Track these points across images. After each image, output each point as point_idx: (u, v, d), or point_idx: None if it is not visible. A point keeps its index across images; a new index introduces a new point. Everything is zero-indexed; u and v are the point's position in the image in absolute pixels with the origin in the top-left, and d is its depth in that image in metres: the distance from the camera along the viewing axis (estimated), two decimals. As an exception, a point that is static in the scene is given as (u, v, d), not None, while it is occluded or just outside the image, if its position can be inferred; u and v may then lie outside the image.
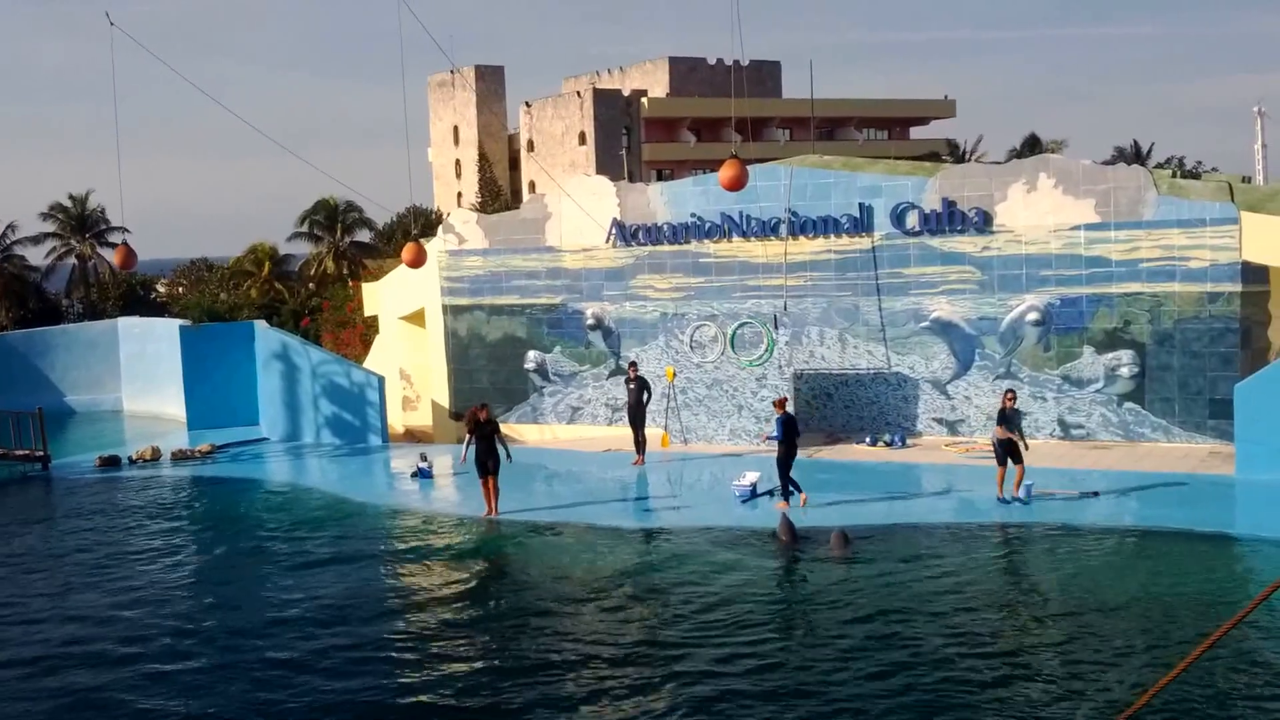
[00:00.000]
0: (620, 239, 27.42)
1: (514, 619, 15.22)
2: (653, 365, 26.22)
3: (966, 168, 26.68)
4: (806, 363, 25.84)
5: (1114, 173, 23.81)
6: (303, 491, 23.49)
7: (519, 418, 28.69)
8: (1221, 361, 22.58)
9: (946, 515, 19.18)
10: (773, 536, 18.11)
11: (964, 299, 24.49)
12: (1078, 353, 23.71)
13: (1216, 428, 22.59)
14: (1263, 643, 13.17)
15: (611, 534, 18.97)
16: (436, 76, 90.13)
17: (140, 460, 26.66)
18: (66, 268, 63.50)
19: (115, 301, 58.20)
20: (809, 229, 25.58)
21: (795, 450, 19.89)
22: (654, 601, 15.61)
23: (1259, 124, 49.89)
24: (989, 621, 14.35)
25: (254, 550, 19.22)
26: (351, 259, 59.61)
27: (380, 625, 15.14)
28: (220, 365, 29.84)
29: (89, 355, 34.93)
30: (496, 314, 28.93)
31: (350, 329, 39.15)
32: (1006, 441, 19.14)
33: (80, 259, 62.85)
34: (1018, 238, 23.91)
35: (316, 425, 28.40)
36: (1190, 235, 22.53)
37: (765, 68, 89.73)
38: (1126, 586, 15.34)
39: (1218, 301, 22.51)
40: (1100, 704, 11.70)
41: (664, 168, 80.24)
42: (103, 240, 62.86)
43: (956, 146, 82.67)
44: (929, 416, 25.08)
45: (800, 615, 15.03)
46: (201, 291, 57.96)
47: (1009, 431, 19.13)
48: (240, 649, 14.45)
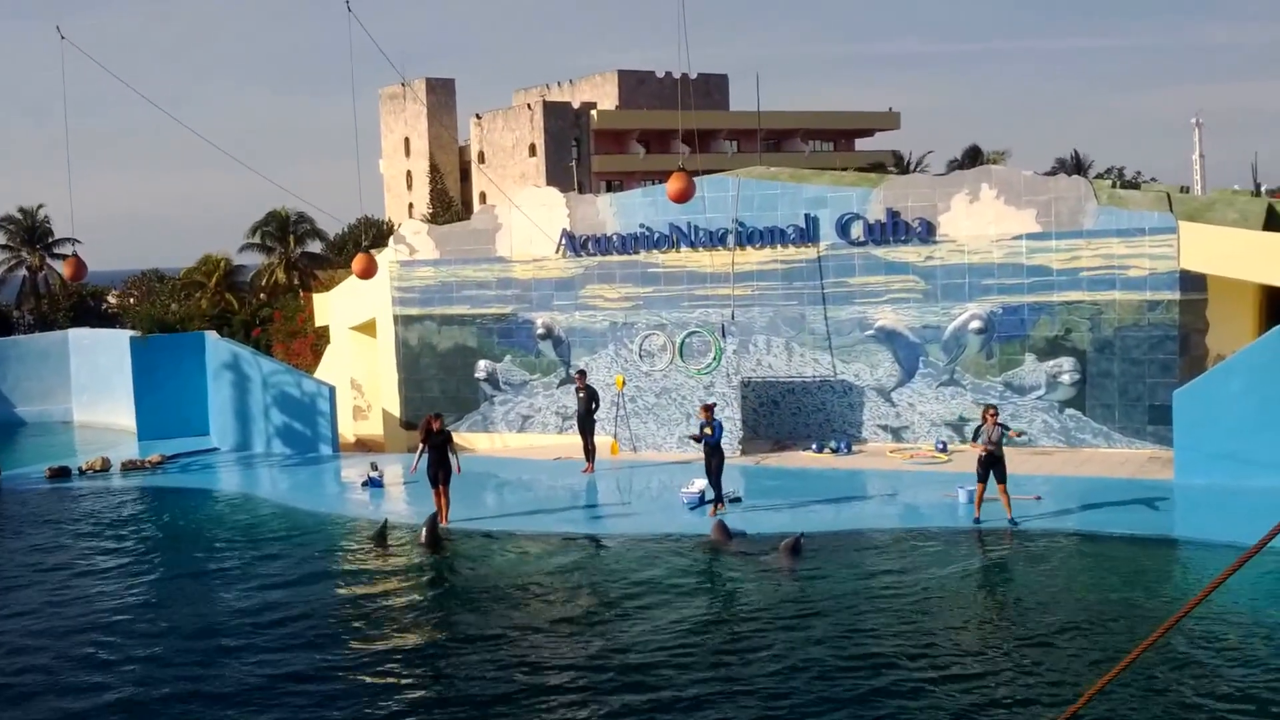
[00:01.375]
0: (570, 249, 27.61)
1: (462, 628, 15.25)
2: (602, 374, 26.40)
3: (910, 179, 27.16)
4: (754, 371, 26.13)
5: (1055, 183, 24.28)
6: (252, 501, 23.40)
7: (470, 426, 28.78)
8: (1160, 368, 23.07)
9: (892, 521, 19.47)
10: (723, 538, 18.33)
11: (908, 308, 24.87)
12: (1020, 360, 24.14)
13: (1156, 433, 23.06)
14: (1198, 642, 13.49)
15: (561, 541, 19.09)
16: (388, 89, 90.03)
17: (90, 471, 26.51)
18: (17, 280, 63.01)
19: (66, 313, 57.73)
20: (756, 239, 25.89)
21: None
22: (602, 609, 15.71)
23: (1196, 135, 50.86)
24: (931, 623, 14.58)
25: (197, 561, 19.01)
26: (303, 270, 59.39)
27: (325, 638, 15.01)
28: (171, 376, 29.73)
29: (40, 366, 34.78)
30: (447, 324, 29.02)
31: (301, 339, 39.04)
32: (987, 457, 18.65)
33: (31, 271, 62.48)
34: (961, 247, 24.33)
35: (267, 435, 28.33)
36: (1129, 245, 23.01)
37: (713, 81, 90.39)
38: (1069, 589, 15.65)
39: (1157, 309, 23.00)
40: (1042, 705, 11.91)
41: (613, 179, 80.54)
42: (53, 252, 62.51)
43: (901, 158, 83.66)
44: (874, 423, 25.43)
45: (748, 619, 15.18)
46: (152, 302, 57.52)
47: (984, 445, 18.71)
48: (176, 663, 14.23)
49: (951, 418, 24.73)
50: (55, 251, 62.35)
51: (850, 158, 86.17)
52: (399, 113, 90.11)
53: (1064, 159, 75.56)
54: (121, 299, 65.80)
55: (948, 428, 24.73)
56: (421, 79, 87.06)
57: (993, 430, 18.66)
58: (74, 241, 61.40)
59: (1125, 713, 11.67)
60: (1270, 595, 15.01)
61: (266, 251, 61.27)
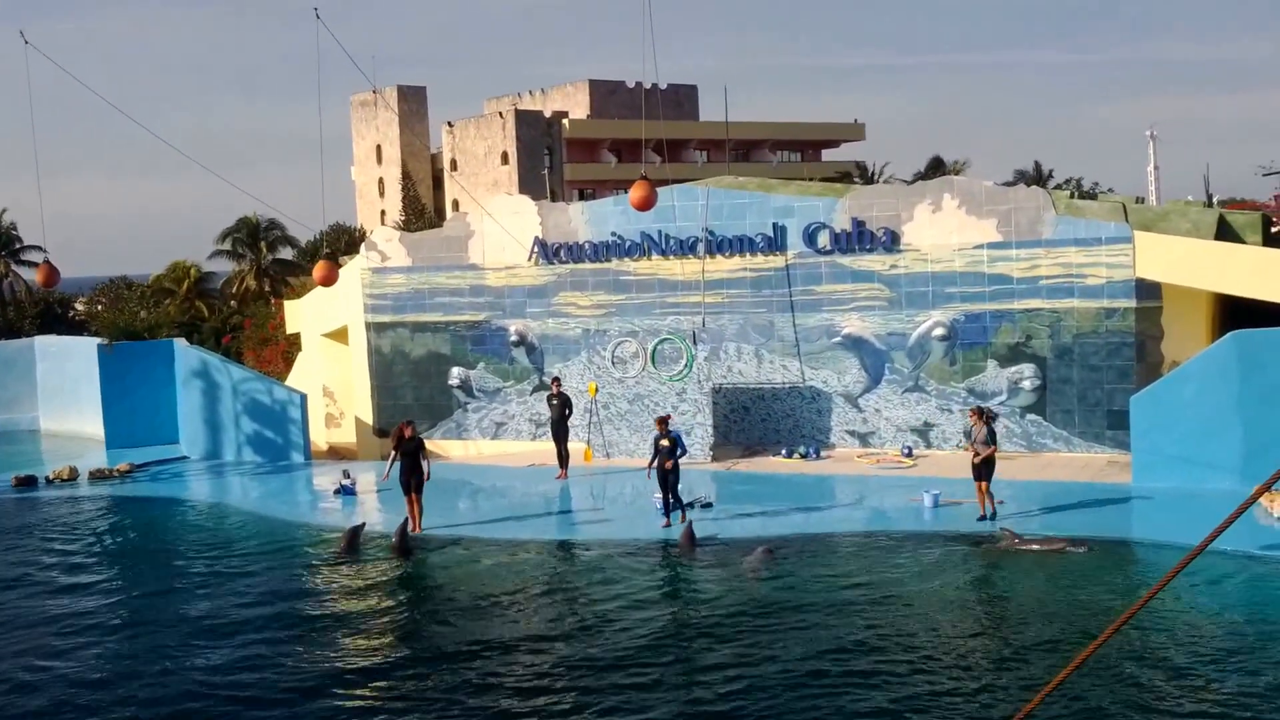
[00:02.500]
0: (543, 257, 27.92)
1: (430, 639, 15.37)
2: (575, 381, 26.69)
3: (875, 189, 27.64)
4: (725, 377, 26.50)
5: (1014, 194, 24.80)
6: (222, 510, 23.46)
7: (444, 434, 29.01)
8: (1118, 374, 23.58)
9: (859, 525, 19.84)
10: (689, 545, 18.66)
11: (874, 315, 25.32)
12: (982, 366, 24.62)
13: (1114, 438, 23.52)
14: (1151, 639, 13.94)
15: (535, 548, 19.33)
16: (359, 96, 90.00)
17: (57, 480, 26.41)
18: (-18, 287, 62.65)
19: (33, 320, 57.42)
20: (725, 248, 26.29)
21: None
22: (574, 615, 15.93)
23: (1151, 147, 51.77)
24: (897, 625, 14.92)
25: (164, 571, 19.01)
26: (274, 276, 59.36)
27: (290, 649, 15.04)
28: (140, 384, 29.72)
29: (5, 374, 34.46)
30: (420, 331, 29.25)
31: (273, 346, 39.07)
32: (977, 458, 19.13)
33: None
34: (924, 256, 24.79)
35: (238, 443, 28.42)
36: (1087, 253, 23.51)
37: (683, 91, 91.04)
38: (1029, 590, 16.04)
39: (1114, 317, 23.51)
40: (1000, 702, 12.29)
41: (585, 187, 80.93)
42: (19, 259, 62.14)
43: (866, 168, 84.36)
44: (842, 429, 25.86)
45: (722, 624, 15.40)
46: (120, 309, 57.33)
47: (970, 446, 19.21)
48: (141, 676, 14.28)
49: (917, 423, 25.18)
50: (21, 258, 62.06)
51: (817, 168, 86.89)
52: (370, 120, 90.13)
53: (1024, 170, 76.36)
54: (89, 306, 65.50)
55: (913, 433, 25.19)
56: (393, 86, 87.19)
57: (980, 430, 19.11)
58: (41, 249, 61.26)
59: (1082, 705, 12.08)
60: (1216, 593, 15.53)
61: (237, 258, 61.17)
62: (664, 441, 19.74)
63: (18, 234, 62.75)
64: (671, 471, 19.79)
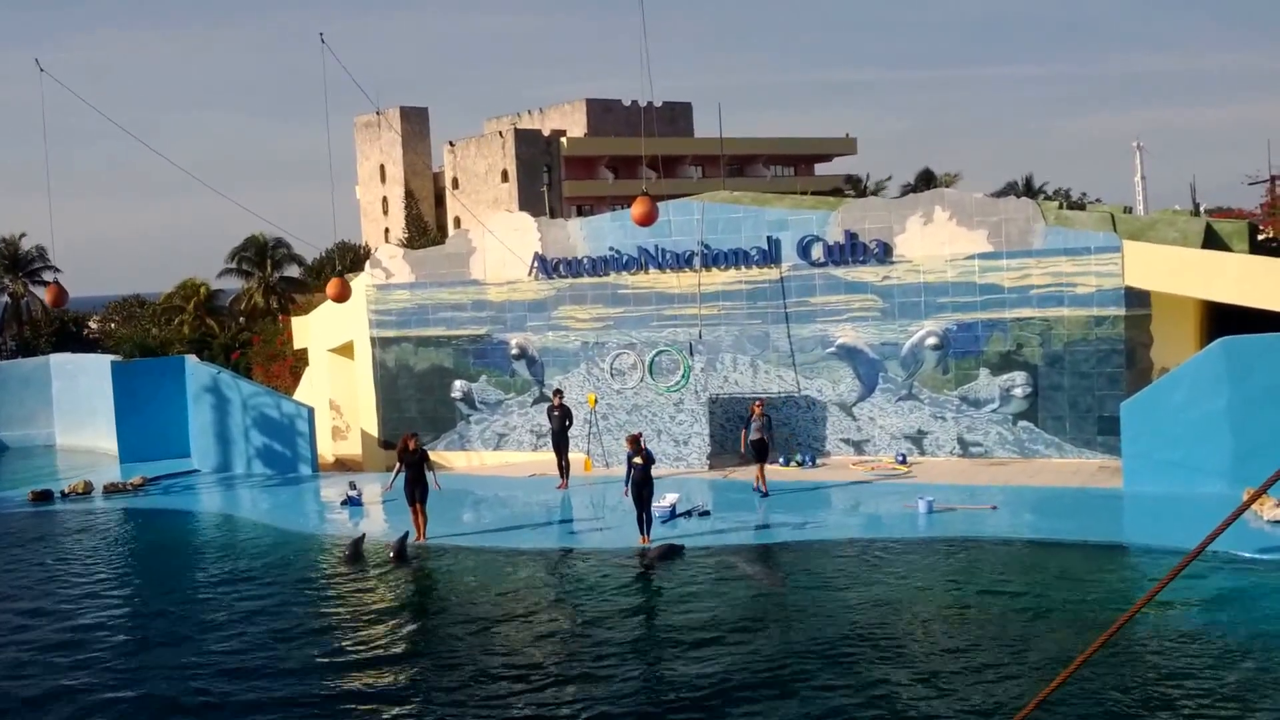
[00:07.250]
0: (542, 272, 28.42)
1: (441, 644, 15.72)
2: (575, 392, 27.14)
3: (867, 202, 27.98)
4: (721, 388, 26.95)
5: (1004, 205, 25.20)
6: (232, 521, 23.85)
7: (447, 445, 29.49)
8: (1108, 381, 23.97)
9: (854, 531, 20.09)
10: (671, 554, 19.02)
11: (867, 325, 25.76)
12: (974, 375, 25.04)
13: (1105, 443, 23.90)
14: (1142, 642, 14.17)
15: (537, 556, 19.65)
16: (363, 117, 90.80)
17: (73, 494, 26.88)
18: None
19: (48, 338, 58.23)
20: (721, 261, 26.76)
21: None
22: (572, 621, 16.20)
23: (1138, 158, 52.24)
24: (893, 627, 15.18)
25: (177, 581, 19.38)
26: (281, 294, 60.05)
27: (306, 657, 15.28)
28: (152, 399, 30.20)
29: (22, 391, 34.99)
30: (424, 345, 29.75)
31: (280, 362, 39.61)
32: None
33: (13, 297, 63.22)
34: (916, 267, 25.24)
35: (247, 456, 28.89)
36: (1076, 263, 23.93)
37: (678, 109, 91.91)
38: (1023, 594, 16.26)
39: (1103, 325, 23.91)
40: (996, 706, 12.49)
41: (584, 203, 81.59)
42: (35, 279, 63.15)
43: (858, 181, 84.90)
44: (837, 437, 26.29)
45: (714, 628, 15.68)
46: (133, 327, 58.02)
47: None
48: (147, 680, 14.58)
49: (910, 431, 25.60)
50: (37, 278, 63.05)
51: (810, 182, 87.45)
52: (374, 140, 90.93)
53: (1014, 181, 76.67)
54: (103, 324, 66.26)
55: (907, 440, 25.61)
56: (396, 108, 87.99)
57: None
58: (55, 269, 62.21)
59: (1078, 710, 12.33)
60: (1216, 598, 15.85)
61: (245, 276, 61.94)
62: (637, 460, 19.62)
63: (38, 255, 63.81)
64: (645, 485, 19.71)
